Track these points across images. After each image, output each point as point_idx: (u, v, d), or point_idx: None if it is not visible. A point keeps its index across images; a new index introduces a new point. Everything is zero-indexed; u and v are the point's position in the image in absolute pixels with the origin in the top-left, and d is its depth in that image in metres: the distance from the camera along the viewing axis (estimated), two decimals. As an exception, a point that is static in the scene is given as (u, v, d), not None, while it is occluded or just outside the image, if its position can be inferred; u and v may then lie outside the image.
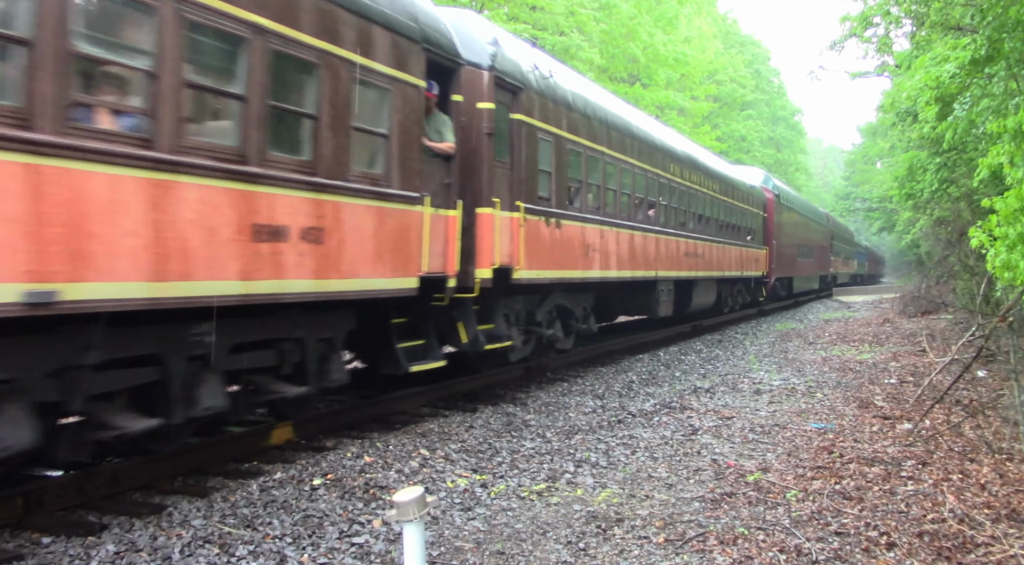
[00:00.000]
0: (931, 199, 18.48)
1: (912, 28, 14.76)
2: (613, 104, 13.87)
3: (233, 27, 5.53)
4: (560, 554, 4.69)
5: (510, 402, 9.50)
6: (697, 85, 34.48)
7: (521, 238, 9.53)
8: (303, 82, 6.29)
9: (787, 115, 61.51)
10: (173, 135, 5.07)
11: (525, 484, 6.20)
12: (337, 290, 6.60)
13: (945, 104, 9.86)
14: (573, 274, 11.18)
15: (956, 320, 16.27)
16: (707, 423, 8.47)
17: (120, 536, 4.78)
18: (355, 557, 4.66)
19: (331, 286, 6.50)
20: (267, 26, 5.76)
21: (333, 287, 6.53)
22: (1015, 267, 5.68)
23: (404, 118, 7.41)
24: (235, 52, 5.62)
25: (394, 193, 7.26)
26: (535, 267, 9.94)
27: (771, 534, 4.89)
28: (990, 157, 6.56)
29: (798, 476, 6.27)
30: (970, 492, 5.74)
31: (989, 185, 9.21)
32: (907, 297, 26.16)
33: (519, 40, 11.54)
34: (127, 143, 4.81)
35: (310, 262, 6.22)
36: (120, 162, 4.73)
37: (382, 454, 6.77)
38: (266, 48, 5.77)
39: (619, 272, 12.87)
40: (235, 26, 5.54)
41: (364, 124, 6.88)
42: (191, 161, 5.19)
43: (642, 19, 26.68)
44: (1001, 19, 7.32)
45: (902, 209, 31.62)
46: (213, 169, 5.36)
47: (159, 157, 4.97)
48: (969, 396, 9.32)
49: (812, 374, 12.22)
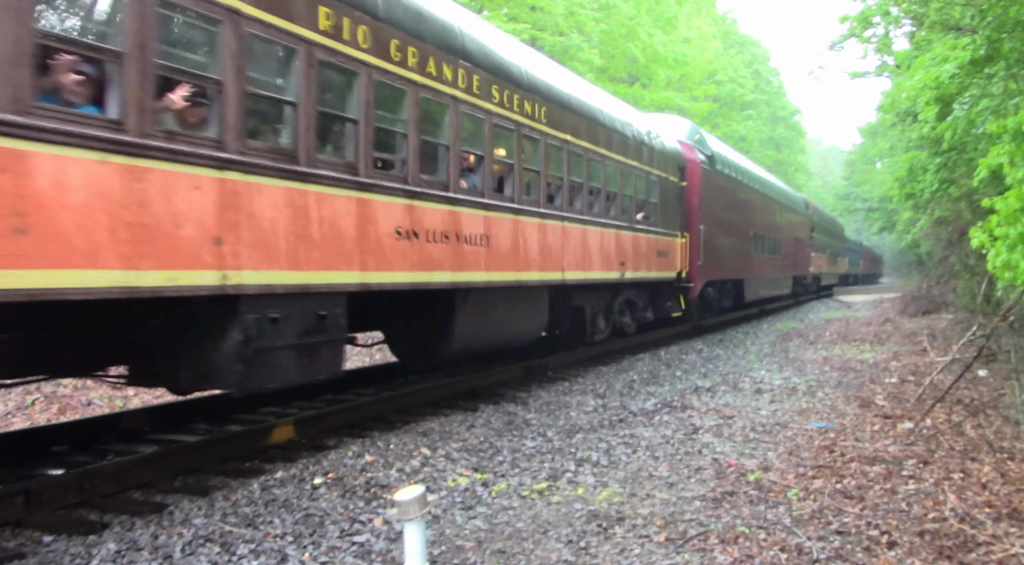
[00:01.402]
0: (931, 199, 18.45)
1: (912, 28, 14.78)
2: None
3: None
4: (561, 553, 4.69)
5: (511, 401, 9.50)
6: (697, 85, 34.46)
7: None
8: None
9: (787, 115, 61.51)
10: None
11: (526, 483, 6.20)
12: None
13: (945, 104, 9.86)
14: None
15: (957, 320, 16.28)
16: (708, 422, 8.47)
17: (121, 535, 4.78)
18: (356, 556, 4.66)
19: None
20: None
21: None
22: (1015, 267, 5.68)
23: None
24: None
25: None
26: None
27: (772, 533, 4.89)
28: (990, 157, 6.55)
29: (799, 475, 6.27)
30: (971, 491, 5.74)
31: (989, 185, 9.21)
32: (908, 297, 26.17)
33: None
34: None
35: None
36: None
37: (383, 453, 6.77)
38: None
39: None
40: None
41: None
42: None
43: (641, 19, 26.68)
44: (1001, 19, 7.33)
45: (902, 209, 31.53)
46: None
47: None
48: (970, 395, 9.32)
49: (813, 373, 12.22)
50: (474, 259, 8.72)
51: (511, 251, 9.56)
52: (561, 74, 12.02)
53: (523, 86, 9.87)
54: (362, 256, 6.90)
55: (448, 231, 8.24)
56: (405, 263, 7.49)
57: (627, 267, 13.67)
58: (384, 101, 7.36)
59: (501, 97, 9.31)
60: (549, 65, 11.82)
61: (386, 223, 7.25)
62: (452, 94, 8.28)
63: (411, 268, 7.59)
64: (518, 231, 9.75)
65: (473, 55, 8.71)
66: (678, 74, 30.96)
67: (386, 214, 7.24)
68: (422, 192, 7.79)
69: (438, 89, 8.05)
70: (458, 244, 8.41)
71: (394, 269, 7.36)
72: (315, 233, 6.33)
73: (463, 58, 8.49)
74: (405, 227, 7.51)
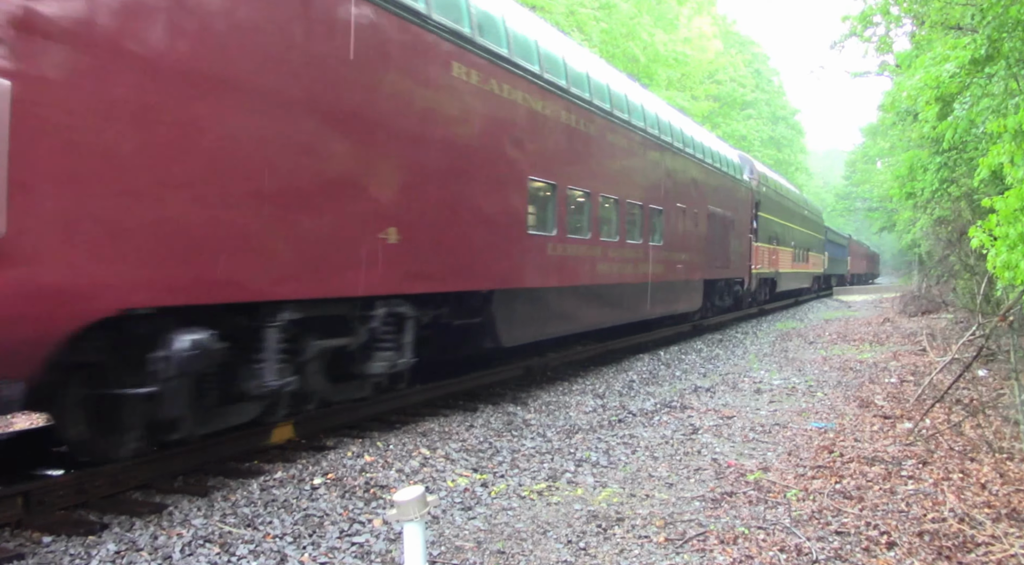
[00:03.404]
0: (931, 199, 18.46)
1: (913, 28, 14.76)
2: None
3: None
4: (560, 553, 4.69)
5: (510, 401, 9.50)
6: (697, 85, 34.48)
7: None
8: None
9: (787, 115, 61.50)
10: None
11: (525, 483, 6.20)
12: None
13: (945, 104, 9.86)
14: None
15: (956, 319, 16.28)
16: (707, 422, 8.47)
17: (120, 535, 4.78)
18: (355, 556, 4.66)
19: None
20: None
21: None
22: (1015, 267, 5.68)
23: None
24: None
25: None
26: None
27: (771, 533, 4.89)
28: (990, 157, 6.55)
29: (798, 475, 6.27)
30: (970, 491, 5.74)
31: (989, 185, 9.22)
32: (907, 296, 26.17)
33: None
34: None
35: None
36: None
37: (382, 453, 6.77)
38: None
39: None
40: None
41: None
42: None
43: (642, 19, 26.69)
44: (1001, 19, 7.32)
45: (902, 209, 31.51)
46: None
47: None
48: (969, 395, 9.32)
49: (812, 373, 12.22)
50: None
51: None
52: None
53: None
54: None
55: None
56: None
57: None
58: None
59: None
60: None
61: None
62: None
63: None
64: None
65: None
66: (679, 73, 30.97)
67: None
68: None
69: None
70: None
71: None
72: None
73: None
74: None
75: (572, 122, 10.98)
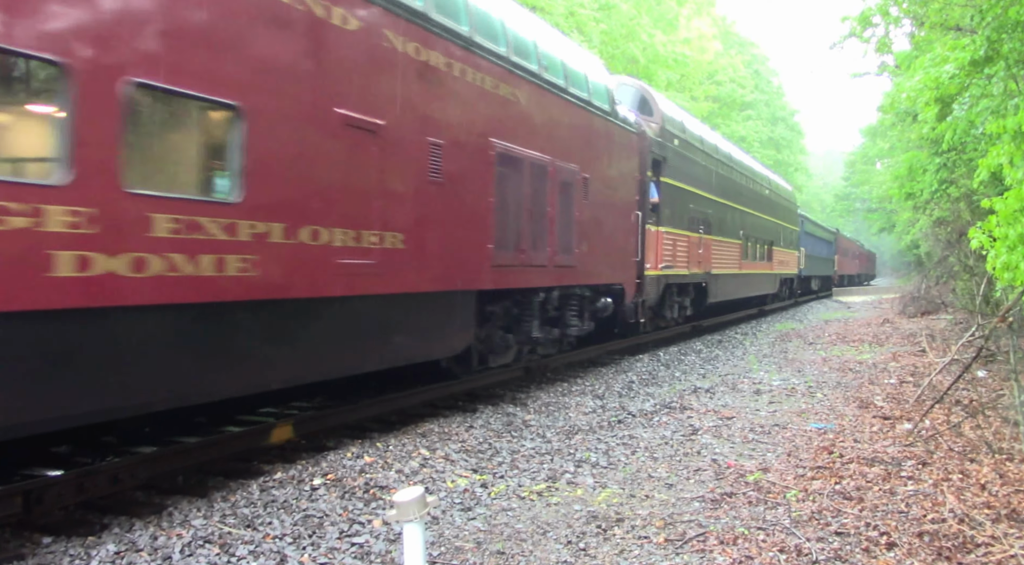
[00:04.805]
0: (931, 199, 18.50)
1: (912, 28, 14.79)
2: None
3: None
4: (560, 554, 4.69)
5: (510, 402, 9.50)
6: (697, 85, 34.52)
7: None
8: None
9: (787, 115, 61.53)
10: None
11: (525, 484, 6.20)
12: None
13: (945, 104, 9.87)
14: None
15: (956, 320, 16.30)
16: (707, 423, 8.47)
17: (120, 535, 4.78)
18: (355, 557, 4.66)
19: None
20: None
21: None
22: (1015, 268, 5.69)
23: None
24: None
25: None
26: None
27: (771, 534, 4.89)
28: (990, 158, 6.56)
29: (798, 476, 6.28)
30: (970, 492, 5.74)
31: (989, 186, 9.22)
32: (907, 297, 26.19)
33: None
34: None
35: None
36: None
37: (382, 454, 6.77)
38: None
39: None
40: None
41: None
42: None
43: (641, 20, 26.72)
44: (1000, 20, 7.33)
45: (902, 209, 31.54)
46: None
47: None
48: (969, 396, 9.32)
49: (812, 374, 12.22)
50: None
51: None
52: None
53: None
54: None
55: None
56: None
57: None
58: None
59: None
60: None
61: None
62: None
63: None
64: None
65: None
66: (678, 74, 30.99)
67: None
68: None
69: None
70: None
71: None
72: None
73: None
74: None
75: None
